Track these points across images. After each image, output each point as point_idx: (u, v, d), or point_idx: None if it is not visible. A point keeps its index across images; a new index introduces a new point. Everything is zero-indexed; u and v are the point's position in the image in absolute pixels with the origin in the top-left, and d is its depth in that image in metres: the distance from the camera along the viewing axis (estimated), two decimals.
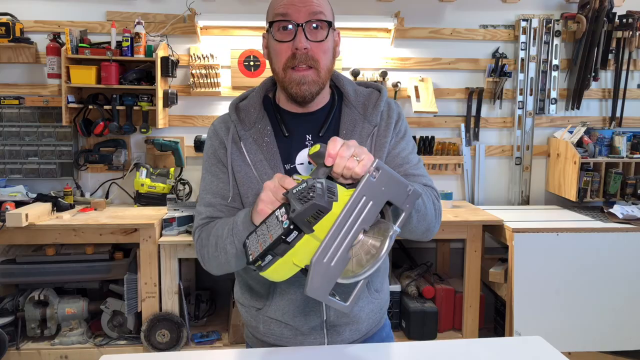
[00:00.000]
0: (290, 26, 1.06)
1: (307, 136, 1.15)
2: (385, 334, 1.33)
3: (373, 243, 0.86)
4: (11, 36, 2.73)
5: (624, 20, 3.06)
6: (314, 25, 1.06)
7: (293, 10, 1.05)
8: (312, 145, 1.03)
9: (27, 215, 2.37)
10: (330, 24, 1.09)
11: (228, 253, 1.03)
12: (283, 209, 0.85)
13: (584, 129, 3.00)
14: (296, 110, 1.16)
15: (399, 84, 3.00)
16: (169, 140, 2.91)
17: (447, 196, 2.88)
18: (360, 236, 0.85)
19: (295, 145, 1.15)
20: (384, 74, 2.97)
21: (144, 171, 2.88)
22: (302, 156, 1.14)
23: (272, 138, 1.14)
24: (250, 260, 0.86)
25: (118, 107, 2.78)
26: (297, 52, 1.05)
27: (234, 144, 1.14)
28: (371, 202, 0.84)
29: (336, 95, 1.20)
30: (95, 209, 2.76)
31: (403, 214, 0.89)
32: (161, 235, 2.51)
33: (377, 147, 1.15)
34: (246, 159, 1.13)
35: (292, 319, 1.18)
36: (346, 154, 0.87)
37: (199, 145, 2.78)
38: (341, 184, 0.89)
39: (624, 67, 3.14)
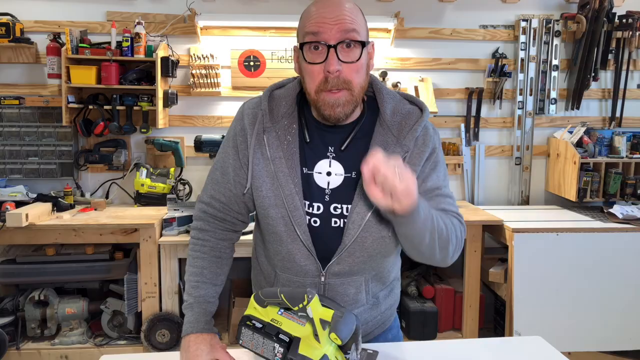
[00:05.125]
0: (321, 46, 1.01)
1: (330, 148, 1.12)
2: (391, 335, 1.32)
3: None
4: (11, 36, 2.73)
5: (624, 21, 3.06)
6: (347, 44, 1.01)
7: (325, 29, 1.00)
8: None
9: (27, 215, 2.37)
10: (363, 44, 1.03)
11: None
12: (280, 347, 1.00)
13: (583, 129, 3.00)
14: (324, 122, 1.12)
15: (399, 84, 3.00)
16: (169, 140, 2.91)
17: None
18: None
19: (317, 152, 1.12)
20: (384, 74, 2.97)
21: (144, 171, 2.88)
22: (322, 165, 1.12)
23: (295, 138, 1.12)
24: (240, 344, 1.07)
25: (118, 107, 2.78)
26: (329, 76, 1.01)
27: (257, 135, 1.12)
28: None
29: (366, 107, 1.15)
30: (95, 209, 2.76)
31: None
32: (161, 235, 2.51)
33: None
34: (266, 153, 1.11)
35: None
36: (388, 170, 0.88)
37: (199, 145, 2.78)
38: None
39: (624, 67, 3.14)
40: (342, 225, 1.12)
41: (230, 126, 1.21)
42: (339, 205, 1.11)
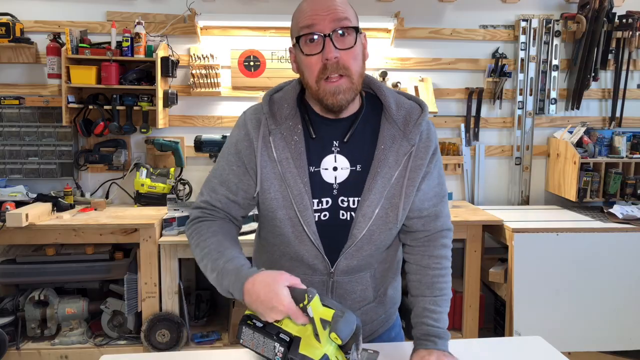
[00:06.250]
0: (317, 37, 1.04)
1: (335, 142, 1.13)
2: (394, 333, 1.33)
3: None
4: (11, 36, 2.73)
5: (624, 20, 3.06)
6: (341, 32, 1.04)
7: (318, 20, 1.04)
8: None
9: (27, 215, 2.37)
10: (356, 30, 1.07)
11: (209, 279, 1.10)
12: (280, 347, 0.98)
13: (583, 129, 3.00)
14: (326, 115, 1.13)
15: (399, 84, 3.00)
16: (169, 140, 2.91)
17: (447, 196, 2.88)
18: None
19: (322, 148, 1.13)
20: (384, 74, 2.97)
21: (144, 171, 2.88)
22: (328, 161, 1.12)
23: (302, 137, 1.12)
24: (240, 343, 1.04)
25: (118, 107, 2.78)
26: (327, 63, 1.03)
27: (263, 138, 1.12)
28: None
29: (365, 101, 1.16)
30: (95, 209, 2.76)
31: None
32: (161, 235, 2.51)
33: (413, 168, 1.12)
34: (272, 155, 1.11)
35: None
36: None
37: (199, 145, 2.78)
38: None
39: (624, 67, 3.14)
40: (348, 218, 1.12)
41: (230, 135, 1.20)
42: (345, 198, 1.12)
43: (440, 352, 1.08)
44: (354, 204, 1.12)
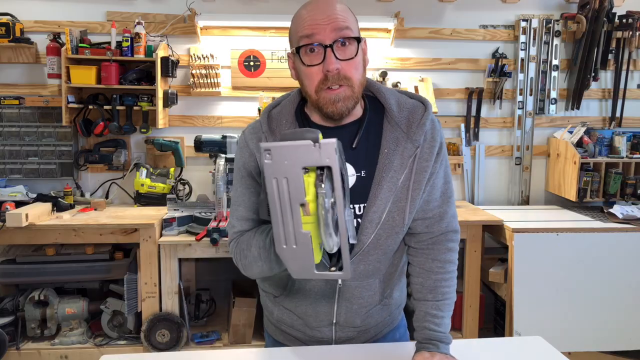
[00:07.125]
0: (317, 47, 1.02)
1: None
2: (399, 334, 1.33)
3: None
4: (11, 36, 2.73)
5: (624, 21, 3.06)
6: (342, 42, 1.02)
7: (318, 30, 1.01)
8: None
9: (27, 215, 2.36)
10: (358, 40, 1.04)
11: (269, 261, 1.05)
12: None
13: (583, 129, 3.00)
14: (327, 124, 1.12)
15: (399, 84, 3.00)
16: (169, 140, 2.91)
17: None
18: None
19: None
20: (384, 74, 2.97)
21: (144, 171, 2.88)
22: None
23: None
24: None
25: (118, 107, 2.78)
26: (328, 74, 1.02)
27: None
28: (285, 179, 0.80)
29: (368, 104, 1.14)
30: (95, 209, 2.76)
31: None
32: (161, 235, 2.51)
33: (418, 170, 1.10)
34: None
35: (303, 313, 1.20)
36: None
37: (199, 145, 2.77)
38: None
39: (624, 67, 3.14)
40: (355, 225, 1.11)
41: (235, 158, 1.19)
42: (351, 205, 1.11)
43: (443, 355, 1.07)
44: (360, 210, 1.11)
